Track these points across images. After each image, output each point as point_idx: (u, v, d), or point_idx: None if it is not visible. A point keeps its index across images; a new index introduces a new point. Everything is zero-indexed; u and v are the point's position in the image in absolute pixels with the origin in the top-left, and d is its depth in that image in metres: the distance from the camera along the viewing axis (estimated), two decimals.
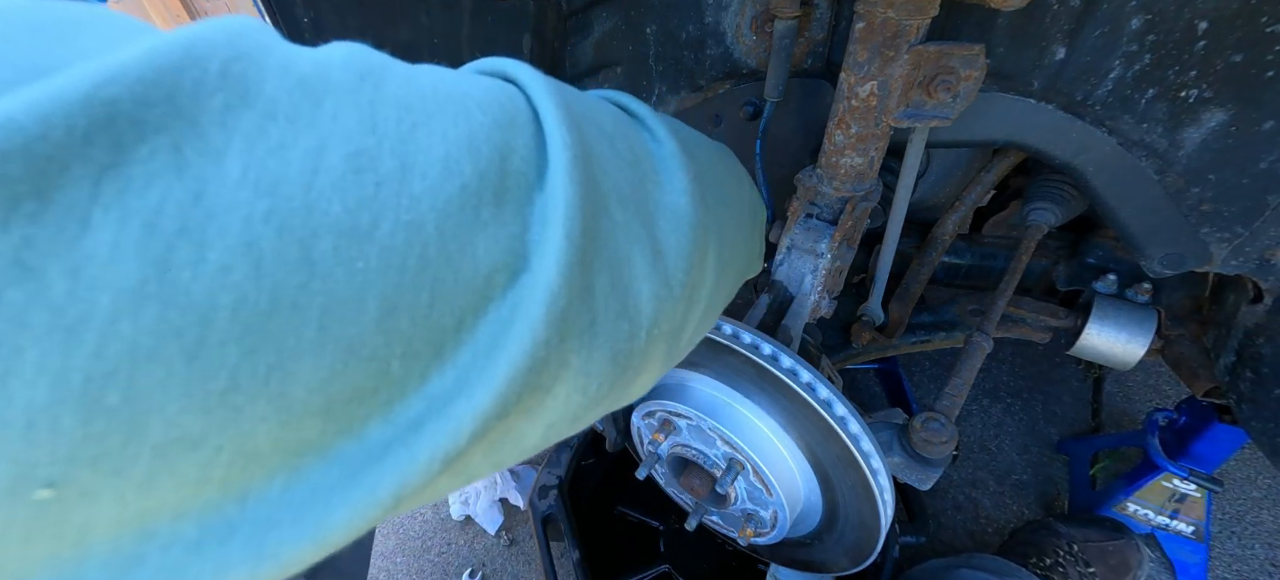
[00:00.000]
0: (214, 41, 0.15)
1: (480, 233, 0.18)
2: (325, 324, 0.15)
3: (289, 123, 0.15)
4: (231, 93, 0.15)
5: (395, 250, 0.16)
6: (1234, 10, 0.42)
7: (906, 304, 0.83)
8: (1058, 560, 0.93)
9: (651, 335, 0.25)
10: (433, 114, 0.18)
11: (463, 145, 0.19)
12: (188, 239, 0.13)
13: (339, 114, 0.16)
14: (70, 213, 0.12)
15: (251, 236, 0.14)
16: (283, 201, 0.14)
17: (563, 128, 0.22)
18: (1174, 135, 0.49)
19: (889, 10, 0.43)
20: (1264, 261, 0.54)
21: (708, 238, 0.30)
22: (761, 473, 0.59)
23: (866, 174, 0.56)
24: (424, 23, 0.62)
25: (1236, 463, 1.16)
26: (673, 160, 0.29)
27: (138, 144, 0.13)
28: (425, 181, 0.17)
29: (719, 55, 0.63)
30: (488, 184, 0.19)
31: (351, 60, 0.18)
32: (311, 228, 0.15)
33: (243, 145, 0.14)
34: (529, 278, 0.19)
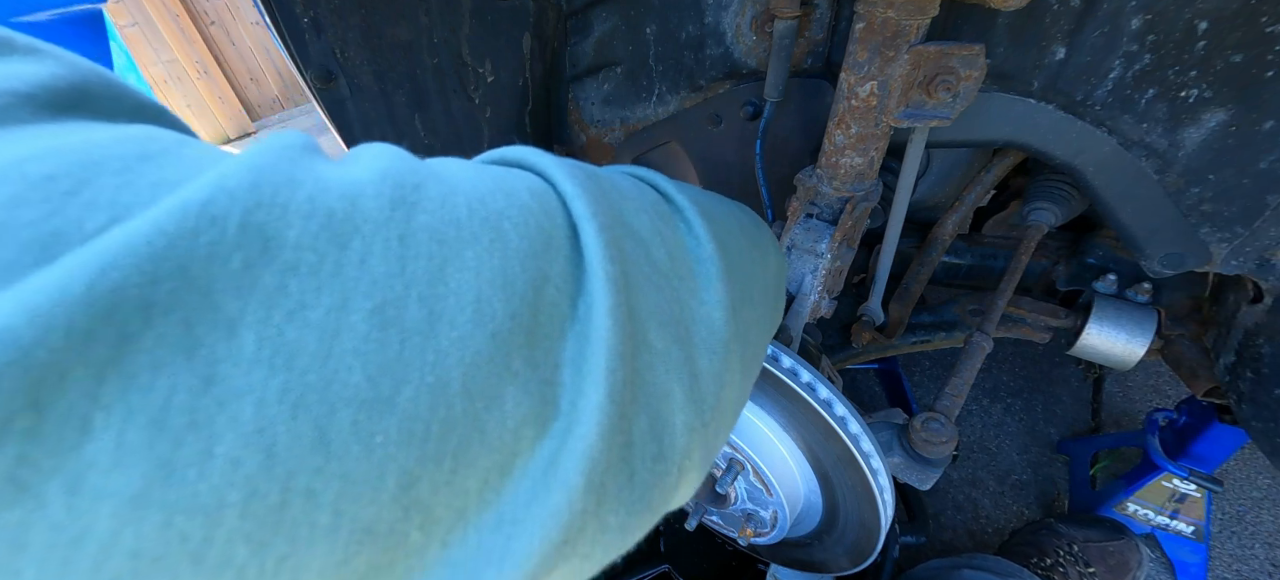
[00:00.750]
0: (234, 194, 0.14)
1: (510, 383, 0.17)
2: (340, 508, 0.14)
3: (312, 275, 0.14)
4: (251, 248, 0.13)
5: (418, 418, 0.15)
6: (1234, 10, 0.42)
7: (906, 304, 0.83)
8: (1058, 560, 0.93)
9: (684, 468, 0.23)
10: (466, 243, 0.17)
11: (496, 281, 0.17)
12: (196, 433, 0.12)
13: (367, 257, 0.15)
14: (69, 421, 0.11)
15: (264, 422, 0.13)
16: (299, 377, 0.13)
17: (601, 246, 0.21)
18: (1174, 135, 0.49)
19: (889, 10, 0.43)
20: (1264, 261, 0.54)
21: (735, 349, 0.28)
22: (761, 473, 0.59)
23: (866, 174, 0.56)
24: (424, 22, 0.62)
25: (1236, 463, 1.16)
26: (710, 263, 0.28)
27: (144, 330, 0.12)
28: (454, 332, 0.16)
29: (719, 55, 0.63)
30: (520, 325, 0.18)
31: (386, 181, 0.17)
32: (329, 403, 0.14)
33: (259, 312, 0.13)
34: (562, 433, 0.18)
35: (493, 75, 0.69)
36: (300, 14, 0.56)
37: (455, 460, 0.16)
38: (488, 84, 0.70)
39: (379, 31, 0.61)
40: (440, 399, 0.15)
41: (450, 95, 0.69)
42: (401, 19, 0.61)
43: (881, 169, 0.59)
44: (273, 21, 0.56)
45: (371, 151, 0.19)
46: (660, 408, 0.22)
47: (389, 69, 0.64)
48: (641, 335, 0.21)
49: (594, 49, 0.72)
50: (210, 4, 3.13)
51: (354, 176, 0.17)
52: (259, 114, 3.49)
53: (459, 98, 0.70)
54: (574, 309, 0.20)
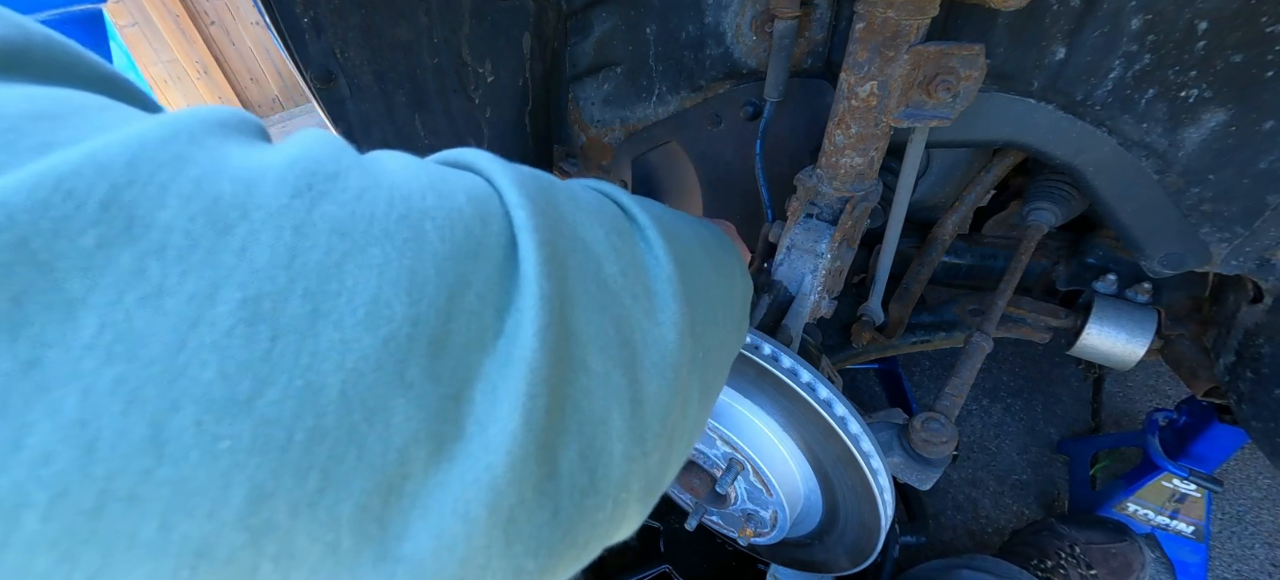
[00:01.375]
0: (108, 165, 0.13)
1: (401, 395, 0.15)
2: (169, 521, 0.12)
3: (178, 260, 0.13)
4: (110, 227, 0.12)
5: (278, 423, 0.13)
6: (1234, 10, 0.42)
7: (906, 304, 0.83)
8: (1059, 562, 0.92)
9: (620, 500, 0.21)
10: (375, 239, 0.16)
11: (402, 282, 0.16)
12: (6, 419, 0.11)
13: (249, 245, 0.14)
14: None
15: (88, 413, 0.11)
16: (140, 367, 0.12)
17: (540, 261, 0.19)
18: (1174, 135, 0.49)
19: (889, 10, 0.43)
20: (1264, 261, 0.54)
21: (692, 377, 0.27)
22: (761, 473, 0.59)
23: (866, 174, 0.56)
24: (424, 22, 0.62)
25: (1236, 463, 1.16)
26: (667, 283, 0.26)
27: None
28: (338, 332, 0.14)
29: (719, 55, 0.63)
30: (423, 332, 0.16)
31: (295, 168, 0.16)
32: (171, 399, 0.12)
33: (109, 295, 0.12)
34: (464, 453, 0.16)
35: (493, 75, 0.69)
36: (300, 14, 0.56)
37: (323, 477, 0.14)
38: (488, 84, 0.70)
39: (379, 31, 0.61)
40: (309, 405, 0.14)
41: (450, 95, 0.69)
42: (401, 19, 0.61)
43: (881, 169, 0.59)
44: (273, 21, 0.56)
45: (302, 137, 0.17)
46: (595, 435, 0.20)
47: (389, 69, 0.64)
48: (579, 358, 0.20)
49: (594, 49, 0.72)
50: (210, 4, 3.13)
51: (263, 161, 0.15)
52: (259, 114, 3.49)
53: (459, 98, 0.70)
54: (500, 323, 0.18)
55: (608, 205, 0.28)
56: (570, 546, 0.19)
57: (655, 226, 0.28)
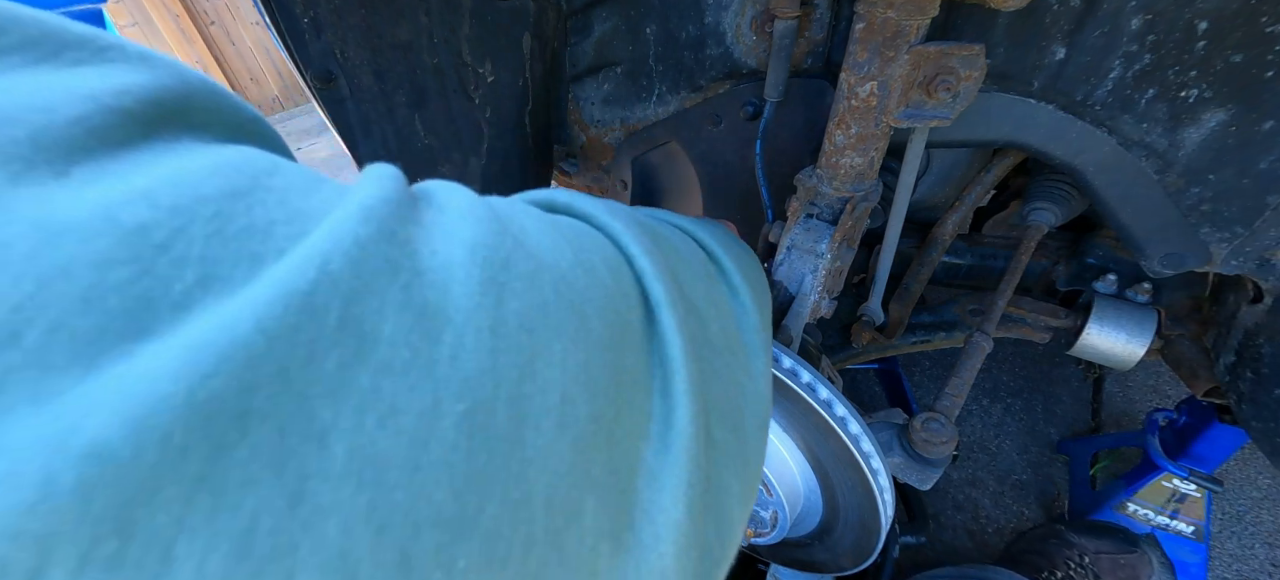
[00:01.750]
0: (338, 277, 0.13)
1: (590, 493, 0.16)
2: None
3: (404, 375, 0.13)
4: (347, 347, 0.13)
5: (500, 538, 0.14)
6: (1234, 10, 0.42)
7: (906, 304, 0.83)
8: (1069, 573, 0.91)
9: (734, 550, 0.23)
10: (554, 332, 0.16)
11: (580, 378, 0.16)
12: (278, 561, 0.11)
13: (458, 354, 0.14)
14: (152, 548, 0.10)
15: (349, 545, 0.12)
16: (386, 493, 0.12)
17: (681, 342, 0.20)
18: (1174, 135, 0.49)
19: (889, 10, 0.43)
20: (1264, 261, 0.54)
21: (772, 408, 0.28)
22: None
23: (866, 174, 0.56)
24: (424, 22, 0.62)
25: (1236, 463, 1.16)
26: (754, 334, 0.27)
27: (239, 442, 0.11)
28: (540, 439, 0.15)
29: (719, 55, 0.63)
30: (602, 427, 0.17)
31: (475, 260, 0.16)
32: (414, 524, 0.13)
33: (352, 419, 0.12)
34: (638, 551, 0.17)
35: (493, 75, 0.69)
36: (300, 14, 0.56)
37: None
38: (488, 84, 0.70)
39: (379, 31, 0.61)
40: (522, 516, 0.14)
41: (450, 95, 0.69)
42: (401, 19, 0.61)
43: (881, 169, 0.59)
44: (273, 21, 0.57)
45: (456, 207, 0.17)
46: (724, 507, 0.21)
47: (389, 69, 0.64)
48: (711, 435, 0.20)
49: (594, 49, 0.72)
50: (210, 4, 3.13)
51: (444, 255, 0.16)
52: None
53: (459, 98, 0.70)
54: (650, 406, 0.19)
55: (698, 252, 0.28)
56: None
57: (737, 270, 0.28)
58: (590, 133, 0.80)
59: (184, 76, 0.16)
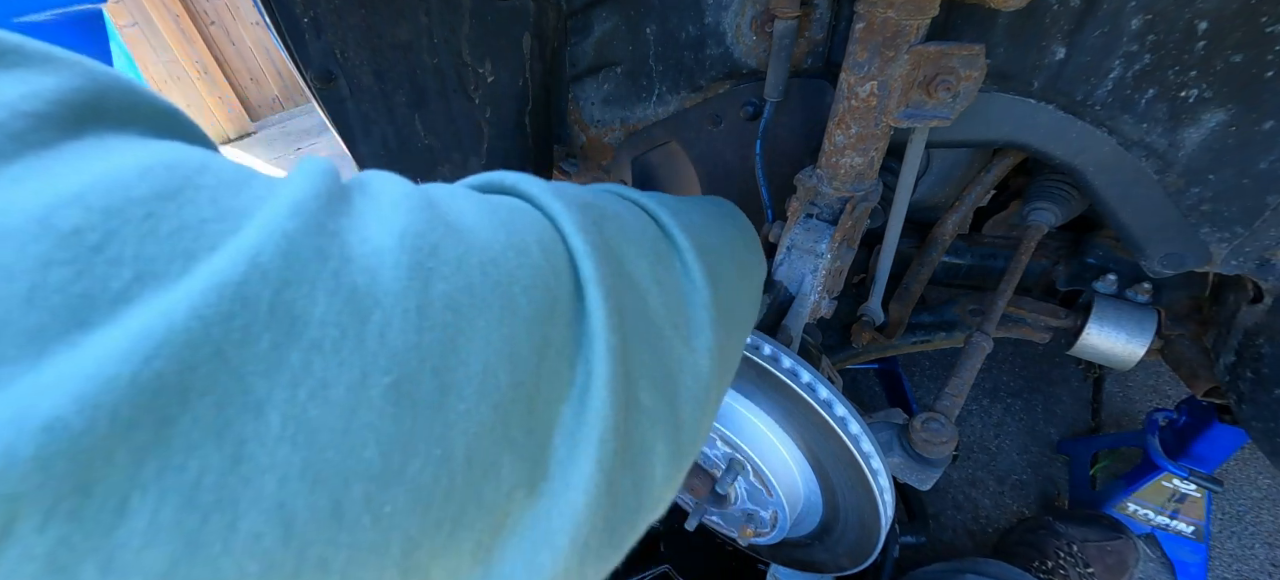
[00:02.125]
0: (267, 271, 0.14)
1: (508, 451, 0.18)
2: (347, 575, 0.15)
3: (334, 351, 0.15)
4: (279, 329, 0.14)
5: (423, 488, 0.16)
6: (1234, 10, 0.42)
7: (906, 304, 0.83)
8: (1059, 562, 0.92)
9: (656, 511, 0.25)
10: (480, 309, 0.18)
11: (504, 351, 0.18)
12: (222, 511, 0.13)
13: (386, 330, 0.16)
14: (107, 502, 0.12)
15: (285, 496, 0.14)
16: (319, 452, 0.14)
17: (606, 314, 0.21)
18: (1174, 135, 0.49)
19: (889, 10, 0.43)
20: (1264, 261, 0.54)
21: (717, 386, 0.29)
22: (761, 473, 0.59)
23: (866, 174, 0.56)
24: (424, 22, 0.62)
25: (1236, 463, 1.16)
26: (703, 310, 0.28)
27: (181, 414, 0.12)
28: (462, 405, 0.17)
29: (719, 55, 0.63)
30: (522, 394, 0.18)
31: (404, 246, 0.17)
32: (345, 477, 0.14)
33: (286, 392, 0.14)
34: (551, 501, 0.19)
35: (493, 75, 0.69)
36: (300, 14, 0.56)
37: (453, 525, 0.16)
38: (488, 84, 0.70)
39: (379, 31, 0.61)
40: (444, 470, 0.16)
41: (450, 95, 0.69)
42: (401, 19, 0.61)
43: (881, 169, 0.59)
44: (273, 21, 0.57)
45: (389, 197, 0.19)
46: (644, 464, 0.22)
47: (389, 69, 0.64)
48: (634, 397, 0.22)
49: (594, 49, 0.72)
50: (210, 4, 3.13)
51: (375, 243, 0.17)
52: (259, 114, 3.49)
53: (459, 98, 0.70)
54: (572, 373, 0.20)
55: (649, 227, 0.30)
56: (619, 552, 0.22)
57: (692, 247, 0.30)
58: (590, 133, 0.80)
59: (93, 74, 0.16)
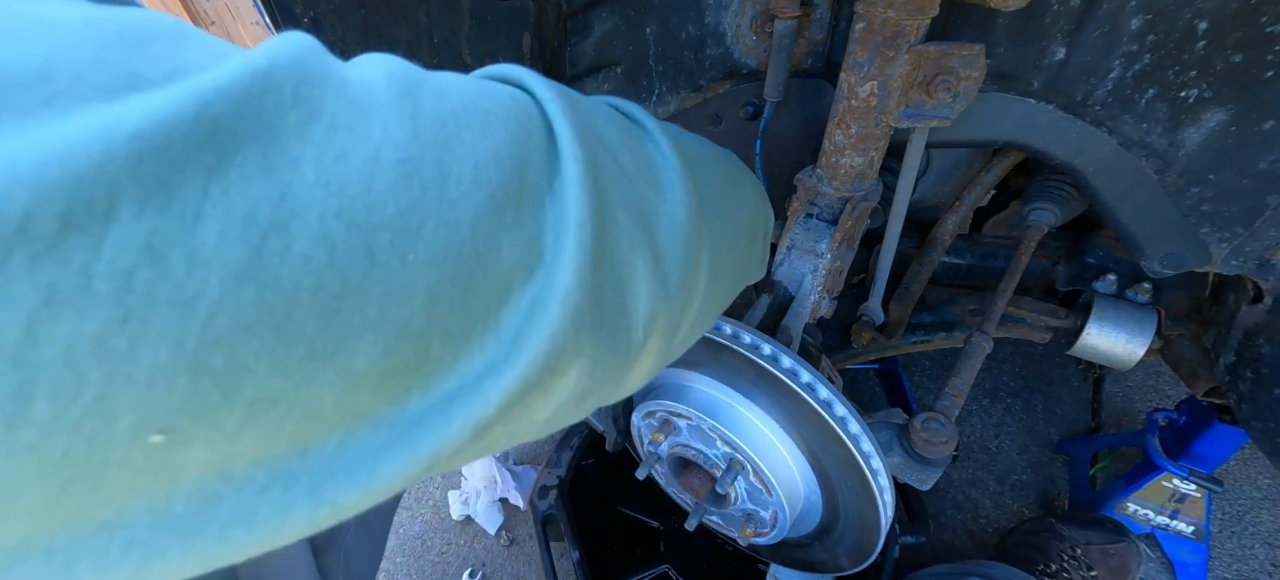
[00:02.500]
0: (286, 69, 0.17)
1: (504, 234, 0.21)
2: (384, 307, 0.17)
3: (348, 133, 0.17)
4: (303, 111, 0.17)
5: (438, 246, 0.19)
6: (1234, 10, 0.42)
7: (906, 304, 0.83)
8: (1063, 565, 0.92)
9: (648, 330, 0.28)
10: (463, 127, 0.21)
11: (489, 158, 0.21)
12: (277, 232, 0.15)
13: (387, 127, 0.18)
14: (186, 207, 0.14)
15: (326, 231, 0.16)
16: (349, 201, 0.17)
17: (575, 142, 0.24)
18: (1174, 135, 0.49)
19: (889, 10, 0.43)
20: (1264, 261, 0.54)
21: (702, 247, 0.33)
22: (761, 473, 0.59)
23: (866, 174, 0.56)
24: (423, 22, 0.62)
25: (1236, 463, 1.16)
26: (674, 172, 0.32)
27: (234, 152, 0.15)
28: (460, 187, 0.20)
29: (719, 55, 0.63)
30: (510, 192, 0.21)
31: (392, 78, 0.20)
32: (372, 225, 0.17)
33: (314, 154, 0.17)
34: (545, 276, 0.22)
35: None
36: (300, 14, 0.57)
37: (467, 286, 0.20)
38: None
39: (379, 31, 0.61)
40: (454, 236, 0.19)
41: None
42: (401, 19, 0.61)
43: (881, 169, 0.59)
44: (273, 21, 0.57)
45: (374, 59, 0.22)
46: (624, 274, 0.26)
47: None
48: (610, 215, 0.25)
49: (594, 49, 0.72)
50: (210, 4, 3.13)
51: (366, 75, 0.20)
52: None
53: None
54: (551, 186, 0.23)
55: (618, 116, 0.33)
56: (613, 352, 0.25)
57: (661, 131, 0.34)
58: None
59: None
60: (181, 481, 0.16)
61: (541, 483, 1.04)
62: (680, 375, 0.65)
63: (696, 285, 0.32)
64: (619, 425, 0.77)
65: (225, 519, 0.17)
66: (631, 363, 0.27)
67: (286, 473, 0.17)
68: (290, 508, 0.17)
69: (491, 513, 1.23)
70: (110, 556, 0.15)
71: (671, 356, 0.34)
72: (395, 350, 0.18)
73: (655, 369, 0.32)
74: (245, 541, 0.17)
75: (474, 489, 1.25)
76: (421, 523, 1.29)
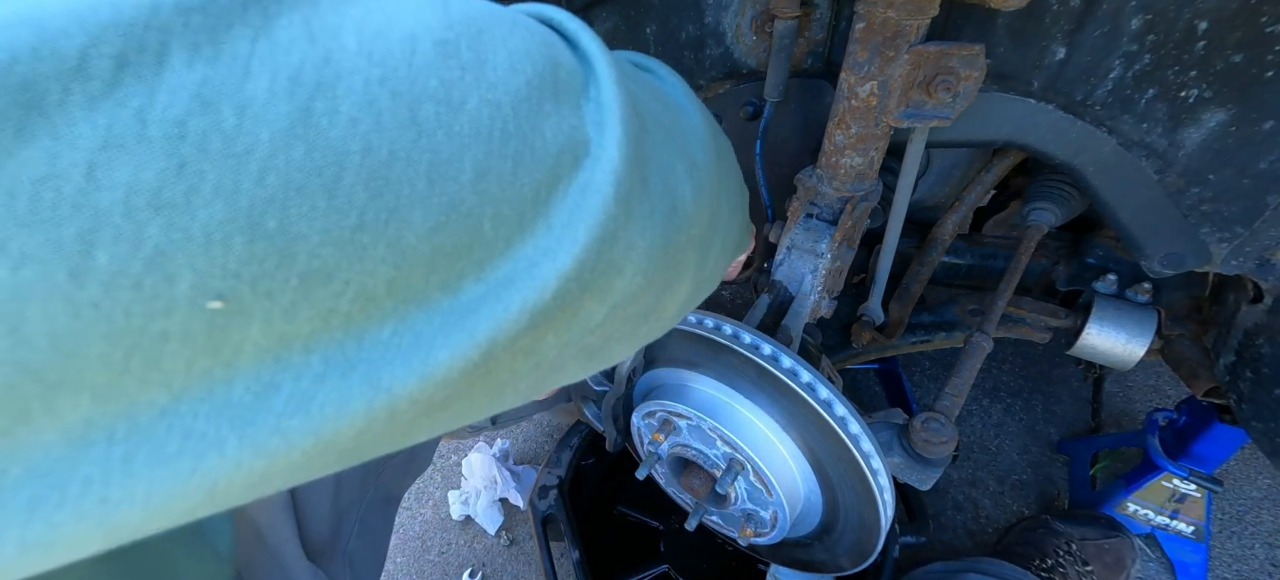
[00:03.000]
0: None
1: (546, 119, 0.21)
2: (433, 179, 0.17)
3: (384, 14, 0.18)
4: None
5: (482, 122, 0.18)
6: (1234, 10, 0.42)
7: (906, 304, 0.83)
8: (1058, 561, 0.93)
9: (691, 230, 0.28)
10: (493, 23, 0.21)
11: (521, 51, 0.21)
12: (324, 93, 0.15)
13: (421, 13, 0.19)
14: (236, 61, 0.14)
15: (371, 97, 0.16)
16: (392, 72, 0.17)
17: (600, 52, 0.25)
18: (1174, 135, 0.49)
19: (889, 10, 0.43)
20: (1264, 261, 0.54)
21: (724, 166, 0.34)
22: (761, 473, 0.59)
23: (866, 174, 0.56)
24: None
25: (1236, 463, 1.16)
26: (686, 97, 0.33)
27: (278, 16, 0.15)
28: (497, 72, 0.19)
29: (719, 55, 0.63)
30: (546, 82, 0.21)
31: None
32: (416, 95, 0.17)
33: (354, 28, 0.17)
34: (593, 162, 0.22)
35: None
36: None
37: (515, 165, 0.19)
38: None
39: None
40: (497, 114, 0.19)
41: None
42: None
43: (881, 169, 0.59)
44: None
45: None
46: (669, 175, 0.26)
47: None
48: (643, 123, 0.25)
49: None
50: None
51: None
52: None
53: None
54: (585, 86, 0.23)
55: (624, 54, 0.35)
56: (663, 249, 0.25)
57: (665, 69, 0.34)
58: None
59: None
60: (240, 364, 0.16)
61: (541, 483, 1.04)
62: (680, 375, 0.65)
63: (721, 203, 0.33)
64: (619, 425, 0.77)
65: (281, 409, 0.16)
66: (677, 268, 0.28)
67: (343, 361, 0.17)
68: (348, 396, 0.17)
69: (491, 513, 1.23)
70: (168, 449, 0.15)
71: (700, 291, 0.35)
72: (446, 226, 0.18)
73: (688, 302, 0.32)
74: (301, 433, 0.17)
75: (474, 489, 1.25)
76: (421, 523, 1.29)
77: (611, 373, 0.63)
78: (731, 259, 0.42)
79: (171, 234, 0.13)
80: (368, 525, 0.72)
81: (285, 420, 0.16)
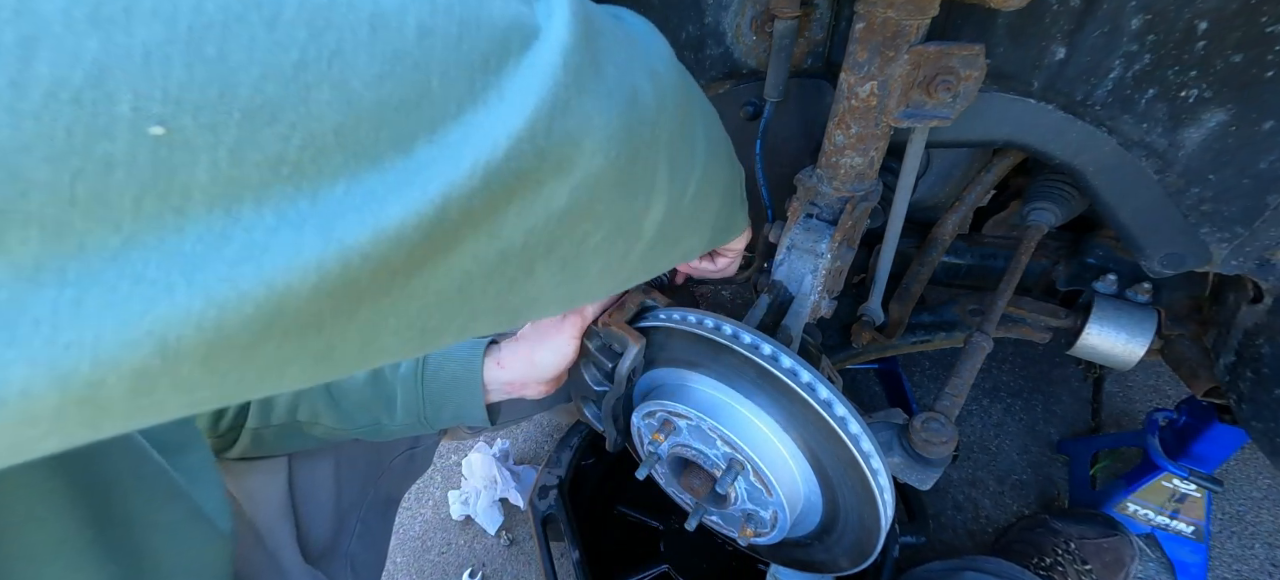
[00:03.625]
0: None
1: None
2: (375, 26, 0.17)
3: None
4: None
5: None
6: (1234, 10, 0.42)
7: (906, 304, 0.83)
8: (1057, 559, 0.93)
9: (656, 131, 0.28)
10: None
11: None
12: None
13: None
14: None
15: None
16: None
17: None
18: (1174, 135, 0.49)
19: (889, 10, 0.43)
20: (1264, 261, 0.54)
21: (693, 101, 0.33)
22: (761, 473, 0.59)
23: (866, 174, 0.56)
24: None
25: (1236, 463, 1.16)
26: (651, 31, 0.33)
27: None
28: None
29: (719, 55, 0.63)
30: None
31: None
32: None
33: None
34: (541, 42, 0.22)
35: None
36: None
37: (461, 28, 0.19)
38: None
39: None
40: None
41: None
42: None
43: (881, 169, 0.59)
44: None
45: None
46: (625, 70, 0.26)
47: None
48: (593, 20, 0.25)
49: None
50: None
51: None
52: None
53: None
54: None
55: None
56: (625, 134, 0.25)
57: (641, 20, 0.34)
58: None
59: None
60: (190, 212, 0.16)
61: (541, 483, 1.04)
62: (680, 375, 0.65)
63: (695, 137, 0.33)
64: (619, 425, 0.77)
65: (233, 257, 0.16)
66: (645, 166, 0.27)
67: (295, 216, 0.17)
68: (300, 247, 0.17)
69: (491, 513, 1.23)
70: (119, 292, 0.15)
71: (680, 221, 0.34)
72: (391, 77, 0.18)
73: (666, 226, 0.32)
74: (253, 282, 0.17)
75: (474, 489, 1.25)
76: (421, 522, 1.29)
77: (611, 373, 0.63)
78: (721, 202, 0.42)
79: (111, 49, 0.13)
80: (369, 527, 0.72)
81: (236, 268, 0.16)
